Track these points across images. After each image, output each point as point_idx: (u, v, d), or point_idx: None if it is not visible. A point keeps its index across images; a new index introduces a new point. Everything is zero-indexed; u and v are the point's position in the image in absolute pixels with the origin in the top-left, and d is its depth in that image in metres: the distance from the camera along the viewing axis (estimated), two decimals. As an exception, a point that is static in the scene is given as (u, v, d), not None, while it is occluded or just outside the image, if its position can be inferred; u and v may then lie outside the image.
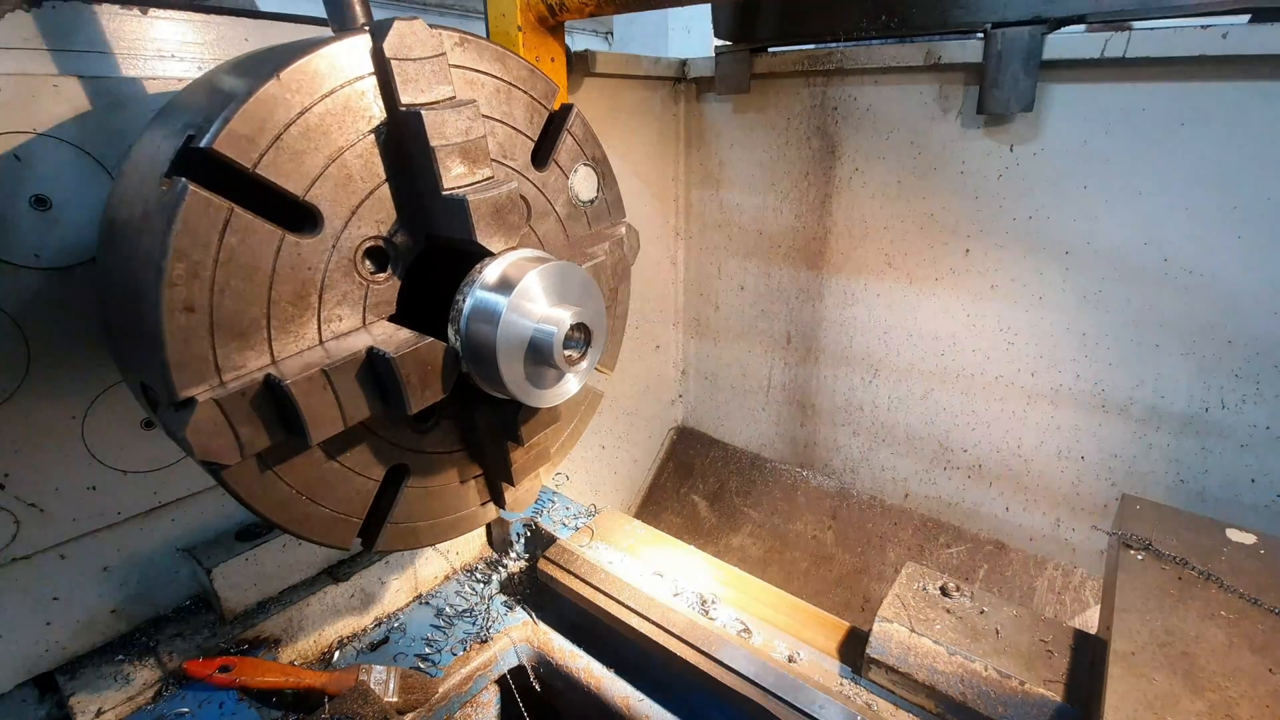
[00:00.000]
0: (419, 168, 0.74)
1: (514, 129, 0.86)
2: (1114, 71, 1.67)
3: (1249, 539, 1.04)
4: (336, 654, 1.32)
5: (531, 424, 0.90)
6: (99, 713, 1.09)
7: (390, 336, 0.75)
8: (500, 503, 0.99)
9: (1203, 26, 1.52)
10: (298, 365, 0.69)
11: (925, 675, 1.01)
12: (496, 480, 0.98)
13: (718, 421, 2.83)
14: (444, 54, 0.74)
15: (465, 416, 0.91)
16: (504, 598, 1.42)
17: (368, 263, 0.76)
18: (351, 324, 0.75)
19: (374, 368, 0.72)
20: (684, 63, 2.41)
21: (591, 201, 0.98)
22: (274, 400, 0.68)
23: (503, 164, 0.85)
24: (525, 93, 0.86)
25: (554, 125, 0.92)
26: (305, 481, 0.76)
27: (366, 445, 0.81)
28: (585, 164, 0.96)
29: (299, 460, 0.75)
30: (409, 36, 0.71)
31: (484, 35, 1.51)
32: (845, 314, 2.31)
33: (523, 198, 0.87)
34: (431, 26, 0.74)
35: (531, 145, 0.89)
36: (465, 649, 1.28)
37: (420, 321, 0.83)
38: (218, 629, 1.25)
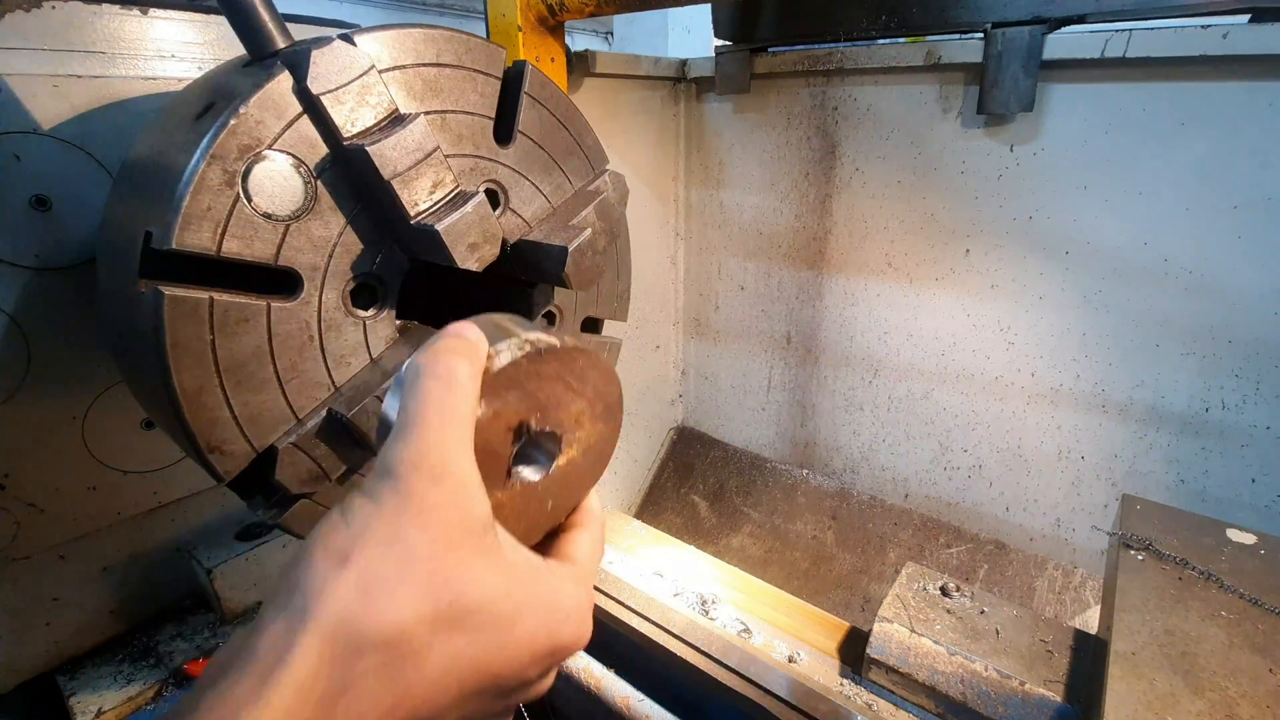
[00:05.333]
0: (382, 200, 0.71)
1: (468, 113, 0.80)
2: (1114, 71, 1.67)
3: (1249, 539, 1.04)
4: (336, 654, 1.31)
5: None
6: (99, 713, 1.09)
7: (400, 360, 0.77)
8: None
9: (1203, 26, 1.51)
10: (350, 397, 0.75)
11: (925, 675, 1.01)
12: None
13: (718, 422, 2.83)
14: (372, 68, 0.68)
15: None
16: (504, 598, 1.42)
17: (359, 301, 0.76)
18: (360, 361, 0.77)
19: None
20: (684, 63, 2.40)
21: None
22: (343, 430, 0.74)
23: (465, 156, 0.80)
24: (469, 69, 0.79)
25: (510, 93, 0.85)
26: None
27: None
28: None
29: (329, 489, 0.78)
30: (332, 63, 0.66)
31: (484, 35, 1.52)
32: (845, 314, 2.31)
33: (497, 185, 0.84)
34: (357, 34, 0.69)
35: (491, 124, 0.83)
36: (465, 649, 1.28)
37: (428, 312, 0.84)
38: (218, 629, 1.25)
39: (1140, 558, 1.00)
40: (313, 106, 0.66)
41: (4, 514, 1.02)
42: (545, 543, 0.52)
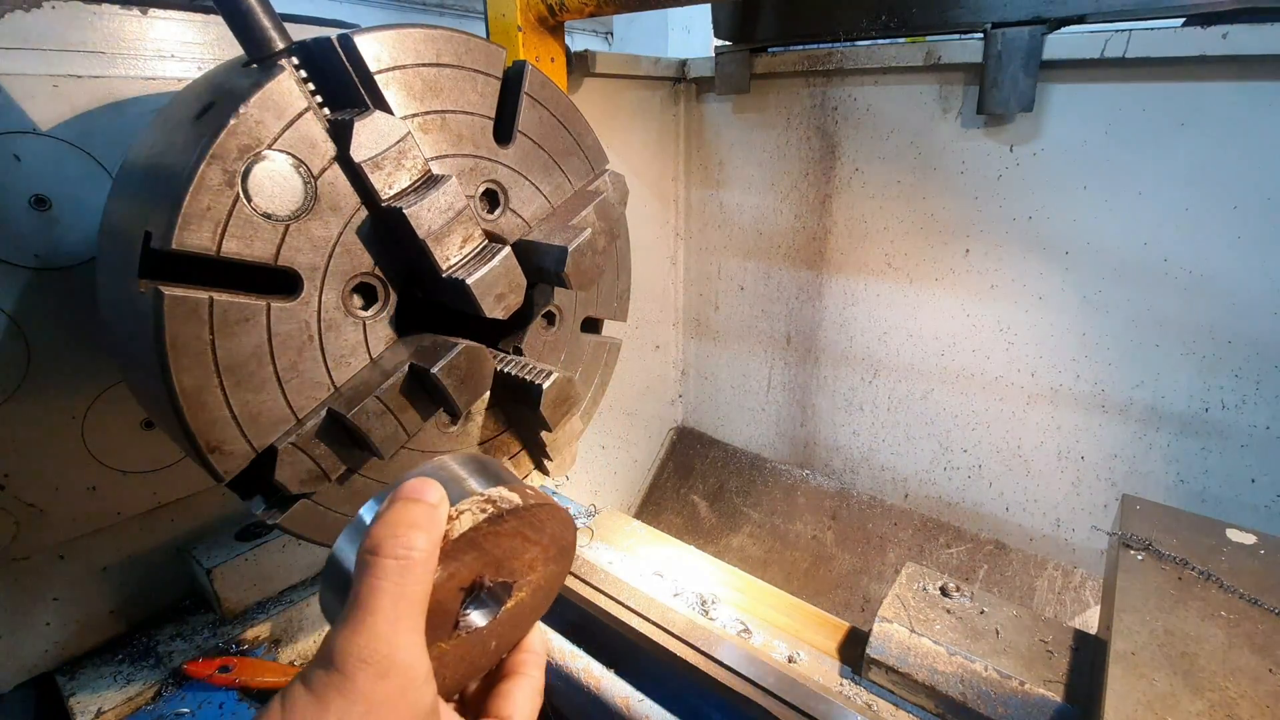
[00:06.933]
0: (412, 254, 0.75)
1: (468, 113, 0.81)
2: (1114, 71, 1.67)
3: (1249, 539, 1.04)
4: (336, 654, 1.31)
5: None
6: (99, 713, 1.09)
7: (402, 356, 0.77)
8: (544, 471, 1.05)
9: (1202, 26, 1.52)
10: (351, 395, 0.75)
11: (925, 675, 1.01)
12: (536, 457, 1.03)
13: (717, 421, 2.83)
14: (408, 134, 0.71)
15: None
16: (504, 598, 1.42)
17: (358, 299, 0.76)
18: (360, 361, 0.77)
19: (420, 382, 0.76)
20: (684, 63, 2.41)
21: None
22: (342, 430, 0.74)
23: (465, 156, 0.81)
24: (469, 69, 0.80)
25: (509, 93, 0.86)
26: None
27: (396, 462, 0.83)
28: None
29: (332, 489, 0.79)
30: (372, 133, 0.68)
31: (484, 35, 1.52)
32: (845, 314, 2.31)
33: (496, 185, 0.85)
34: (352, 32, 0.71)
35: (491, 124, 0.83)
36: (465, 649, 1.28)
37: (425, 319, 0.84)
38: (218, 629, 1.25)
39: (1140, 558, 1.00)
40: (354, 172, 0.70)
41: (4, 514, 1.02)
42: (485, 687, 0.52)
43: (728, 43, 2.25)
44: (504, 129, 0.86)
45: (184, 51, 1.12)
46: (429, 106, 0.77)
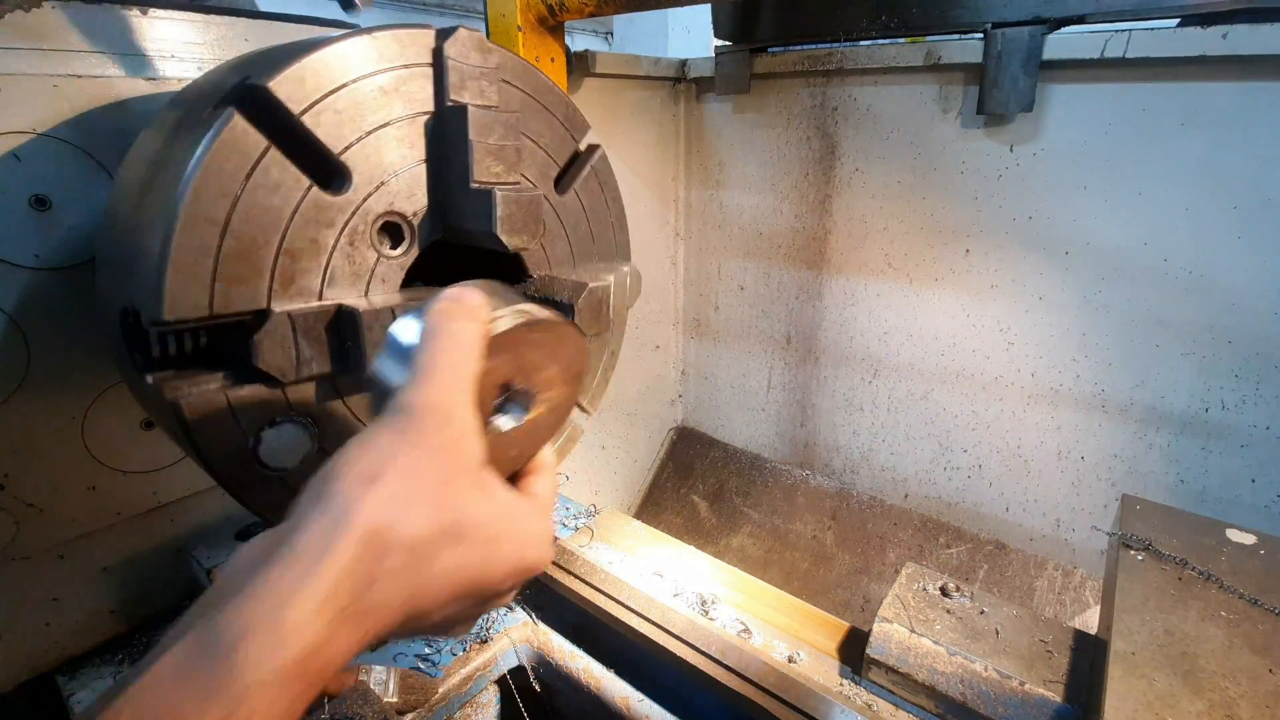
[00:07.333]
0: (454, 160, 0.76)
1: (545, 152, 0.89)
2: (1114, 71, 1.67)
3: (1249, 539, 1.04)
4: (336, 654, 1.31)
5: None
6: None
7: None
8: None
9: (1202, 26, 1.52)
10: (365, 304, 0.72)
11: (925, 676, 1.01)
12: None
13: (717, 422, 2.83)
14: (498, 68, 0.77)
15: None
16: (504, 598, 1.42)
17: (384, 235, 0.76)
18: (355, 292, 0.75)
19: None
20: (684, 63, 2.41)
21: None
22: (337, 331, 0.71)
23: (528, 179, 0.88)
24: (562, 124, 0.90)
25: (579, 158, 0.94)
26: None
27: (339, 420, 0.78)
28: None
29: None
30: (469, 44, 0.75)
31: (485, 36, 1.51)
32: (845, 314, 2.31)
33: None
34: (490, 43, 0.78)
35: (557, 170, 0.91)
36: (465, 649, 1.28)
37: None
38: (217, 629, 1.25)
39: (1140, 558, 1.00)
40: (440, 66, 0.74)
41: (4, 514, 1.02)
42: (510, 484, 0.58)
43: (728, 43, 2.25)
44: (564, 182, 0.92)
45: (184, 51, 1.12)
46: (526, 130, 0.83)
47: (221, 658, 0.36)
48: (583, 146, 0.95)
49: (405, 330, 0.53)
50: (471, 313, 0.50)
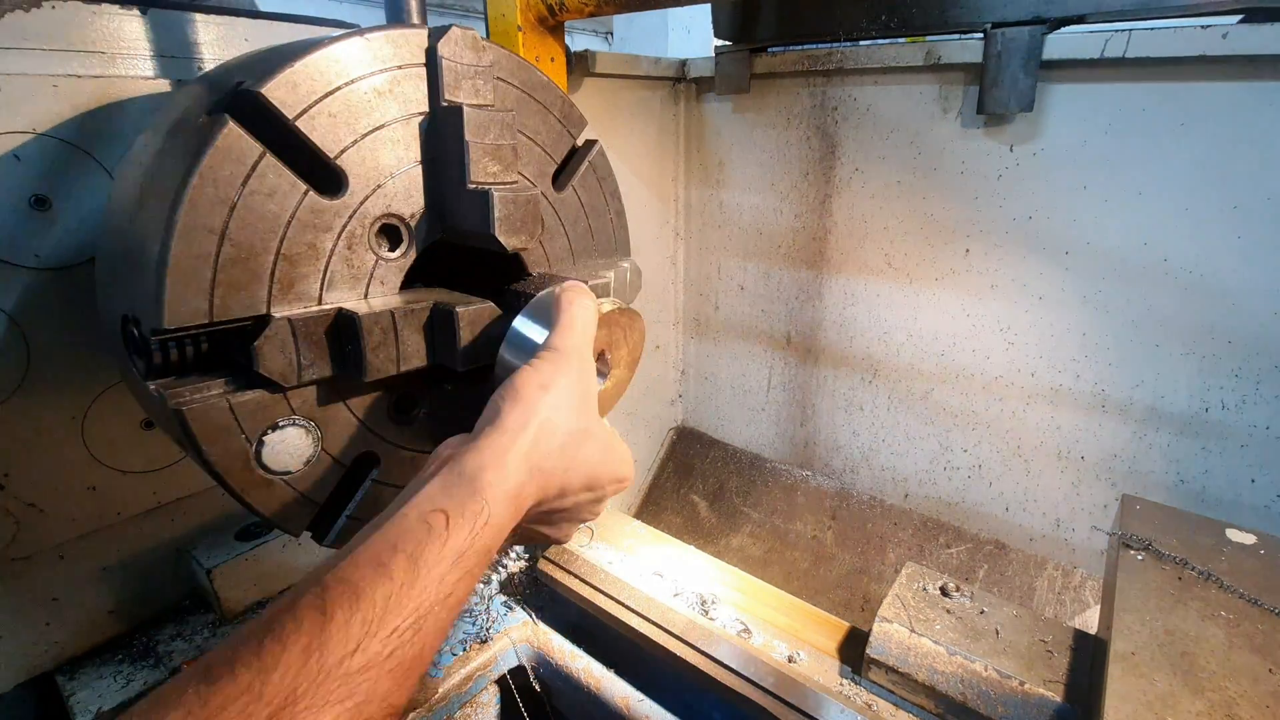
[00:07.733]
0: (450, 161, 0.76)
1: (542, 149, 0.89)
2: (1114, 71, 1.67)
3: (1249, 539, 1.04)
4: (336, 654, 1.31)
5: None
6: (99, 712, 1.09)
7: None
8: None
9: (1202, 26, 1.51)
10: (364, 308, 0.72)
11: (925, 675, 1.01)
12: None
13: (717, 421, 2.83)
14: (492, 65, 0.78)
15: (447, 416, 0.88)
16: (504, 598, 1.42)
17: (382, 238, 0.76)
18: (354, 295, 0.74)
19: (431, 321, 0.76)
20: (684, 63, 2.40)
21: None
22: (337, 334, 0.71)
23: (525, 177, 0.88)
24: (559, 120, 0.91)
25: (576, 154, 0.94)
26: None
27: (341, 423, 0.77)
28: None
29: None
30: (462, 43, 0.76)
31: (484, 35, 1.51)
32: (845, 314, 2.31)
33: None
34: (483, 40, 0.78)
35: (554, 167, 0.91)
36: (465, 649, 1.28)
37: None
38: (218, 629, 1.25)
39: (1140, 558, 1.00)
40: (434, 66, 0.75)
41: (4, 514, 1.03)
42: None
43: (728, 43, 2.25)
44: (561, 179, 0.92)
45: (184, 51, 1.12)
46: (522, 127, 0.83)
47: (469, 480, 0.55)
48: (580, 142, 0.94)
49: (539, 305, 0.73)
50: (590, 294, 0.73)
